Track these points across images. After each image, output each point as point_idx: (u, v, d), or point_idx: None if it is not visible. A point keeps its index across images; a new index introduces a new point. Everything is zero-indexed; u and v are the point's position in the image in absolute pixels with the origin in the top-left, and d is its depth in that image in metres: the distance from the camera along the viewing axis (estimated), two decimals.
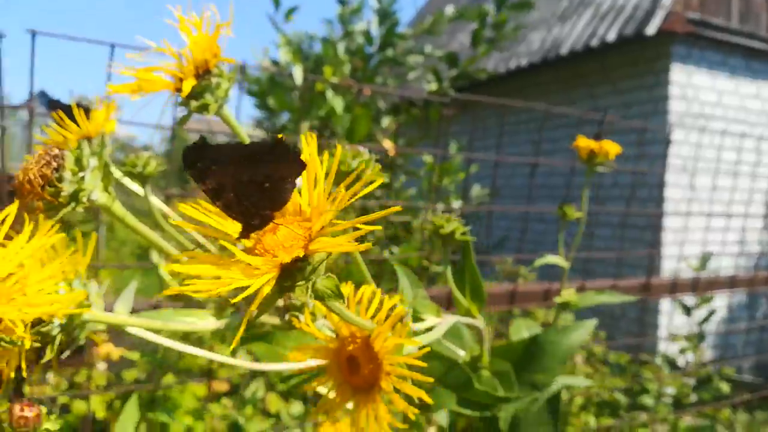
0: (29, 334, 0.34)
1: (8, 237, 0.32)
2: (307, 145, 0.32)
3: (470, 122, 5.59)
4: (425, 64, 3.29)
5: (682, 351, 2.44)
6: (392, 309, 0.39)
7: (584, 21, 5.06)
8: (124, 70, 0.45)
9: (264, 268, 0.30)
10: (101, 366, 2.02)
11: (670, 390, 2.35)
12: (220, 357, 0.60)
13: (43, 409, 0.45)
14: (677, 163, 4.34)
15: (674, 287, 1.77)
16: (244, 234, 0.33)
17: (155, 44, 0.46)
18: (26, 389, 0.44)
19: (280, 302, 0.48)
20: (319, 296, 0.33)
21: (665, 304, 3.91)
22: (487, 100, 1.29)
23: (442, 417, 0.67)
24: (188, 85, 0.44)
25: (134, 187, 0.57)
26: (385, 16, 2.82)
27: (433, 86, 2.99)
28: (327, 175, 0.32)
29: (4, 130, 0.93)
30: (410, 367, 0.37)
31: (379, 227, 0.31)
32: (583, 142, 0.84)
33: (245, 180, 0.32)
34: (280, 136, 0.33)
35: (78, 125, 0.47)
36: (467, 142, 3.05)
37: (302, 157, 0.32)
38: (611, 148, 0.84)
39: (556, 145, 5.53)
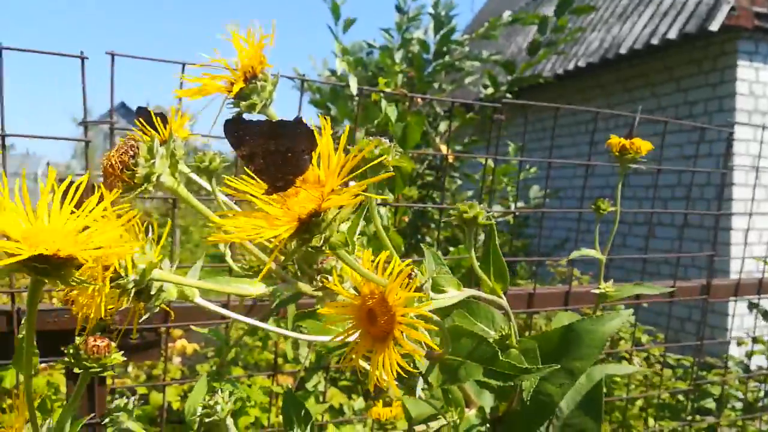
0: (108, 285, 0.42)
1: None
2: (323, 127, 0.40)
3: (525, 125, 5.56)
4: (482, 67, 3.31)
5: (750, 354, 2.38)
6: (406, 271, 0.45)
7: (644, 19, 4.95)
8: (189, 79, 0.55)
9: (284, 219, 0.38)
10: (176, 360, 2.16)
11: (740, 394, 2.30)
12: (273, 328, 0.67)
13: (112, 343, 0.55)
14: (745, 162, 4.19)
15: (737, 289, 1.74)
16: (269, 192, 0.41)
17: (211, 57, 0.55)
18: (108, 379, 0.55)
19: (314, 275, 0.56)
20: (331, 246, 0.40)
21: (735, 307, 3.77)
22: (538, 104, 1.33)
23: (486, 400, 0.71)
24: (237, 87, 0.53)
25: (201, 181, 0.67)
26: (442, 23, 2.87)
27: (490, 91, 3.02)
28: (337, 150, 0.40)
29: (88, 144, 1.02)
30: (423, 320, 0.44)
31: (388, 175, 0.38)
32: (615, 140, 0.88)
33: (271, 149, 0.41)
34: (300, 117, 0.43)
35: (156, 131, 0.57)
36: (523, 144, 3.05)
37: (314, 134, 0.41)
38: (643, 144, 0.87)
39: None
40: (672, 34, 4.48)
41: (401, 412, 0.99)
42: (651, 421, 2.01)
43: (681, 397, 2.23)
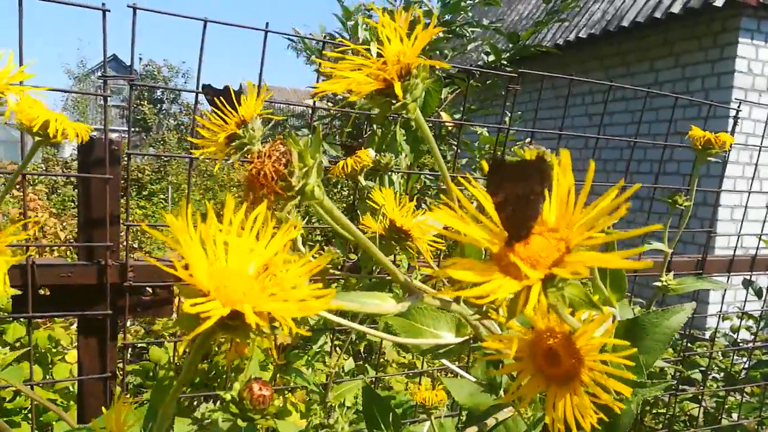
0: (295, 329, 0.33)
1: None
2: (563, 161, 0.36)
3: (527, 94, 5.53)
4: (483, 34, 3.28)
5: (734, 330, 2.44)
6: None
7: None
8: (328, 70, 0.46)
9: (534, 277, 0.33)
10: (175, 316, 2.17)
11: (723, 366, 2.37)
12: (367, 329, 0.65)
13: (272, 389, 0.50)
14: (738, 140, 4.22)
15: (731, 265, 1.78)
16: (511, 243, 0.36)
17: (353, 44, 0.49)
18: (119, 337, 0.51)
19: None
20: (569, 303, 0.36)
21: (730, 280, 3.84)
22: (555, 75, 1.33)
23: None
24: (399, 87, 0.45)
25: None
26: None
27: (491, 59, 3.00)
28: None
29: (107, 100, 1.01)
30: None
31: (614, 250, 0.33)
32: (698, 132, 0.87)
33: (519, 193, 0.36)
34: (542, 153, 0.39)
35: (234, 110, 0.52)
36: (524, 113, 3.06)
37: (551, 172, 0.36)
38: (728, 139, 0.86)
39: (613, 118, 5.45)
40: (676, 8, 4.46)
41: (444, 395, 0.96)
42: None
43: (666, 368, 2.29)
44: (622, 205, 0.32)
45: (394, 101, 0.46)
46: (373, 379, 2.02)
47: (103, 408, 0.79)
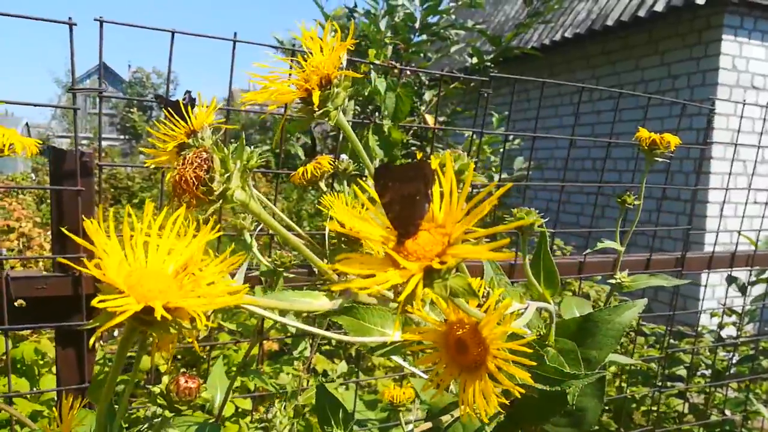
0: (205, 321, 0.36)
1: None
2: (447, 163, 0.38)
3: (512, 96, 5.48)
4: (468, 36, 3.30)
5: (721, 326, 2.45)
6: (499, 301, 0.44)
7: None
8: (256, 81, 0.48)
9: (413, 269, 0.35)
10: None
11: (709, 363, 2.38)
12: (316, 330, 0.66)
13: (200, 381, 0.52)
14: (724, 137, 4.26)
15: (711, 262, 1.79)
16: (401, 240, 0.39)
17: (278, 56, 0.52)
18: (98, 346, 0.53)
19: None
20: (453, 293, 0.38)
21: (708, 278, 3.87)
22: (524, 78, 1.34)
23: None
24: (317, 96, 0.48)
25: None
26: None
27: (475, 61, 3.02)
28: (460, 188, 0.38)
29: (76, 112, 1.02)
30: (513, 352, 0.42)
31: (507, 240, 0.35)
32: (644, 133, 0.88)
33: (404, 194, 0.39)
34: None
35: (186, 121, 0.54)
36: (509, 115, 3.06)
37: (429, 176, 0.39)
38: (672, 140, 0.87)
39: (600, 117, 5.48)
40: (659, 7, 4.49)
41: (413, 393, 0.98)
42: (626, 388, 2.08)
43: (653, 365, 2.31)
44: (487, 200, 0.35)
45: (317, 109, 0.49)
46: (364, 383, 2.03)
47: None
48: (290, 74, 0.49)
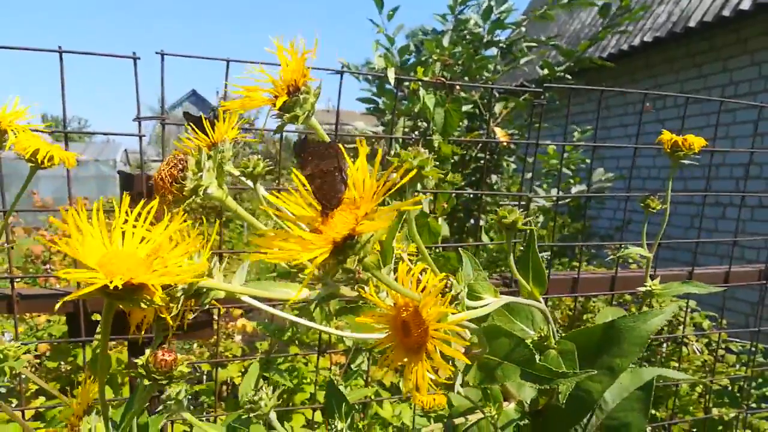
0: (162, 295, 0.43)
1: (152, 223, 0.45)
2: (360, 146, 0.42)
3: (589, 104, 5.41)
4: (542, 47, 3.25)
5: None
6: (443, 284, 0.46)
7: None
8: (234, 90, 0.57)
9: (318, 243, 0.39)
10: (237, 338, 2.28)
11: None
12: (316, 325, 0.72)
13: (180, 356, 0.57)
14: None
15: (728, 278, 1.66)
16: (325, 213, 0.43)
17: (256, 68, 0.58)
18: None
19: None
20: (365, 267, 0.42)
21: None
22: (578, 86, 1.33)
23: (526, 393, 0.70)
24: (280, 101, 0.55)
25: (248, 182, 0.71)
26: (491, 8, 2.84)
27: (546, 72, 2.97)
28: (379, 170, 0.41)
29: (142, 140, 1.10)
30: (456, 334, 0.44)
31: (419, 206, 0.39)
32: (666, 135, 0.86)
33: (324, 170, 0.43)
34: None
35: (206, 134, 0.61)
36: (595, 130, 3.01)
37: (340, 155, 0.43)
38: (696, 141, 0.85)
39: (689, 124, 5.23)
40: (745, 5, 4.26)
41: (445, 400, 1.01)
42: (713, 410, 1.97)
43: (743, 384, 2.17)
44: (391, 180, 0.39)
45: (288, 114, 0.56)
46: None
47: None
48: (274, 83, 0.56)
